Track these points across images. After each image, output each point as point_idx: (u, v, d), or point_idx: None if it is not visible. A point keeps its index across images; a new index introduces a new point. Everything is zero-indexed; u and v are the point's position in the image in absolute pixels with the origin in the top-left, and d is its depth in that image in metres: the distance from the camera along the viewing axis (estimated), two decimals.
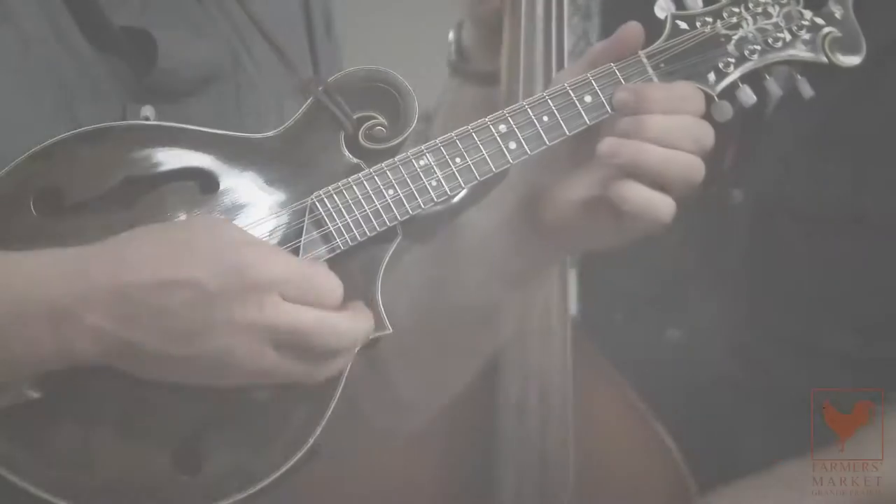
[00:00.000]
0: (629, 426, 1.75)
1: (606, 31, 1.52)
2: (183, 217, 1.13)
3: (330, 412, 1.13)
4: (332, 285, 1.09)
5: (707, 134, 1.14)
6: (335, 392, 1.13)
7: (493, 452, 1.72)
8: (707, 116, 1.15)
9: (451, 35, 1.73)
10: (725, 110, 1.15)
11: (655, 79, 1.15)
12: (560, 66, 1.63)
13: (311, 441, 1.12)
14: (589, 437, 1.73)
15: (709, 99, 1.15)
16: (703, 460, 1.69)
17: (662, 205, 1.14)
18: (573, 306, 1.76)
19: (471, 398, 1.53)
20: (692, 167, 1.13)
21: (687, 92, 1.14)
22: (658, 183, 1.13)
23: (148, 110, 1.18)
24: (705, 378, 1.73)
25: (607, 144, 1.13)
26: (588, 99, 1.14)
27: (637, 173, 1.13)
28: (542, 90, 1.44)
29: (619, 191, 1.13)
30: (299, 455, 1.12)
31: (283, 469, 1.12)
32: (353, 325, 1.10)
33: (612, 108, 1.15)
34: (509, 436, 1.70)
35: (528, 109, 1.15)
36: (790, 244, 1.68)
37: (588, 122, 1.13)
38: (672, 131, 1.12)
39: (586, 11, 1.80)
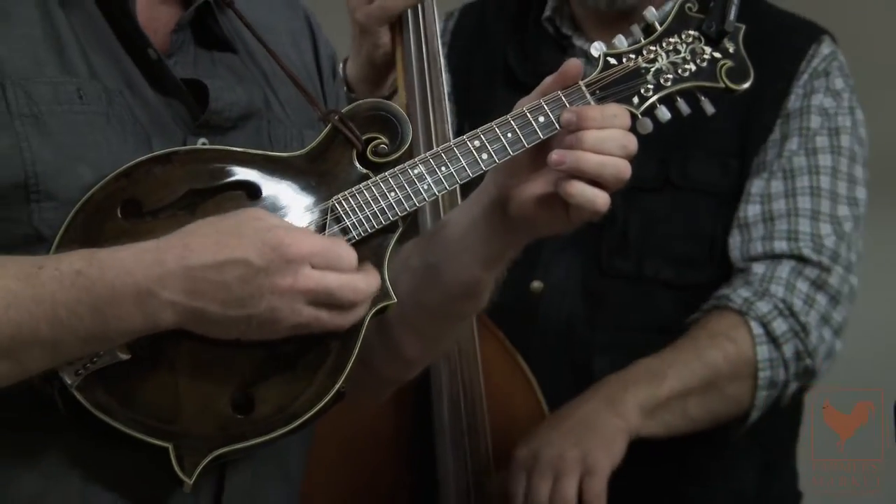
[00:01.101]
0: (505, 366, 1.88)
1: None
2: (228, 215, 1.27)
3: (351, 364, 1.28)
4: (348, 254, 1.24)
5: (632, 143, 1.30)
6: (355, 348, 1.28)
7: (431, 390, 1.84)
8: (633, 130, 1.30)
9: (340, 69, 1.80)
10: (647, 125, 1.33)
11: (592, 102, 1.32)
12: (434, 89, 1.80)
13: (338, 386, 1.27)
14: (485, 376, 1.84)
15: (633, 117, 1.32)
16: (562, 386, 1.85)
17: (600, 198, 1.29)
18: None
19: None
20: (621, 168, 1.29)
21: (616, 111, 1.31)
22: (595, 181, 1.28)
23: (202, 141, 1.34)
24: (561, 317, 1.90)
25: (556, 154, 1.28)
26: (541, 119, 1.31)
27: (579, 175, 1.28)
28: (429, 114, 1.76)
29: (566, 188, 1.28)
30: (329, 397, 1.27)
31: (317, 408, 1.27)
32: (367, 281, 1.26)
33: (560, 126, 1.30)
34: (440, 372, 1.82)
35: (496, 129, 1.31)
36: (621, 207, 1.79)
37: (542, 136, 1.30)
38: (605, 142, 1.28)
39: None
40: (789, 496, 1.99)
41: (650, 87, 1.33)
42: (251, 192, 1.29)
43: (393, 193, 1.29)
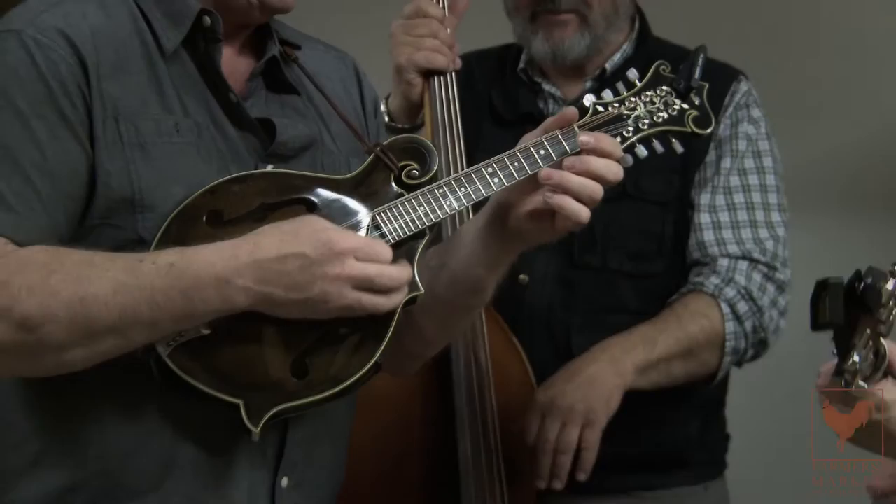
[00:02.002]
0: (506, 350, 2.01)
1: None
2: (289, 220, 1.37)
3: (387, 341, 1.38)
4: (385, 249, 1.35)
5: (617, 172, 1.41)
6: (391, 328, 1.38)
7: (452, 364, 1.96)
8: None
9: (381, 105, 1.88)
10: (627, 160, 1.43)
11: None
12: (453, 126, 1.97)
13: (376, 357, 1.38)
14: (490, 350, 1.98)
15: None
16: (546, 359, 2.01)
17: (582, 211, 1.38)
18: None
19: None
20: (595, 190, 1.40)
21: (614, 145, 1.43)
22: (577, 198, 1.38)
23: (270, 167, 1.45)
24: (543, 303, 2.05)
25: (545, 171, 1.40)
26: (542, 152, 1.41)
27: (564, 191, 1.39)
28: (460, 161, 1.91)
29: (555, 200, 1.38)
30: (369, 366, 1.38)
31: (359, 375, 1.38)
32: (400, 271, 1.36)
33: (570, 151, 1.42)
34: (459, 367, 1.96)
35: (506, 159, 1.40)
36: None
37: (542, 166, 1.40)
38: (599, 172, 1.41)
39: None
40: (721, 438, 2.17)
41: (630, 129, 1.44)
42: (309, 206, 1.39)
43: (422, 208, 1.40)
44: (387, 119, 1.97)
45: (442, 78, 1.95)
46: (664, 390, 1.99)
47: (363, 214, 1.41)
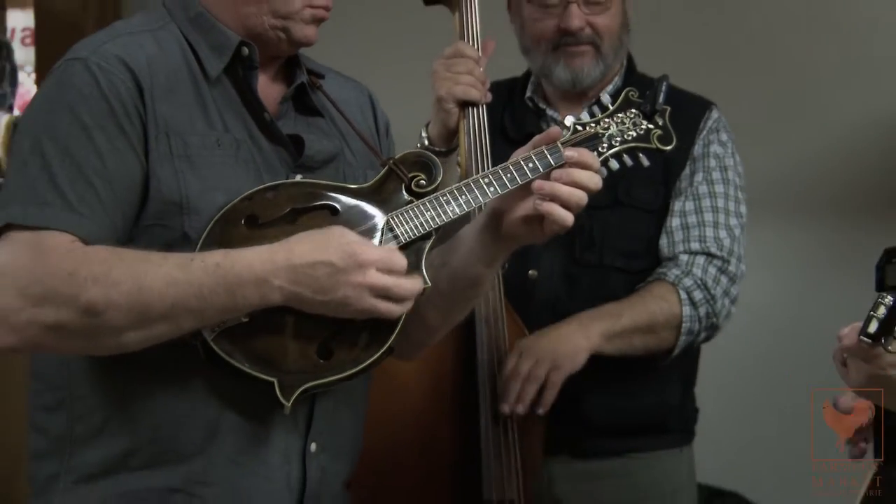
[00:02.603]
0: (513, 324, 2.00)
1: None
2: (320, 230, 1.38)
3: (398, 330, 1.40)
4: (401, 261, 1.36)
5: (597, 182, 1.42)
6: (401, 320, 1.40)
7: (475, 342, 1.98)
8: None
9: (422, 131, 2.01)
10: (602, 172, 1.44)
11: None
12: (483, 149, 1.96)
13: (390, 342, 1.40)
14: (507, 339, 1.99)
15: None
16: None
17: (568, 217, 1.40)
18: None
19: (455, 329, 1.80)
20: (582, 198, 1.41)
21: (593, 159, 1.43)
22: (564, 205, 1.40)
23: (299, 177, 1.47)
24: (549, 295, 2.06)
25: (539, 182, 1.41)
26: (531, 165, 1.42)
27: (554, 199, 1.40)
28: (481, 168, 1.90)
29: (546, 208, 1.39)
30: (383, 350, 1.40)
31: (374, 357, 1.40)
32: (412, 284, 1.37)
33: (554, 164, 1.41)
34: (481, 338, 1.97)
35: (500, 171, 1.42)
36: (587, 219, 1.94)
37: (531, 177, 1.41)
38: (582, 182, 1.41)
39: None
40: (693, 410, 2.18)
41: (605, 146, 1.46)
42: (332, 211, 1.41)
43: (429, 213, 1.42)
44: (426, 143, 2.01)
45: (475, 108, 1.97)
46: (649, 368, 2.03)
47: (378, 218, 1.43)
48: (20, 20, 4.54)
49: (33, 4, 3.45)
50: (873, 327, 1.38)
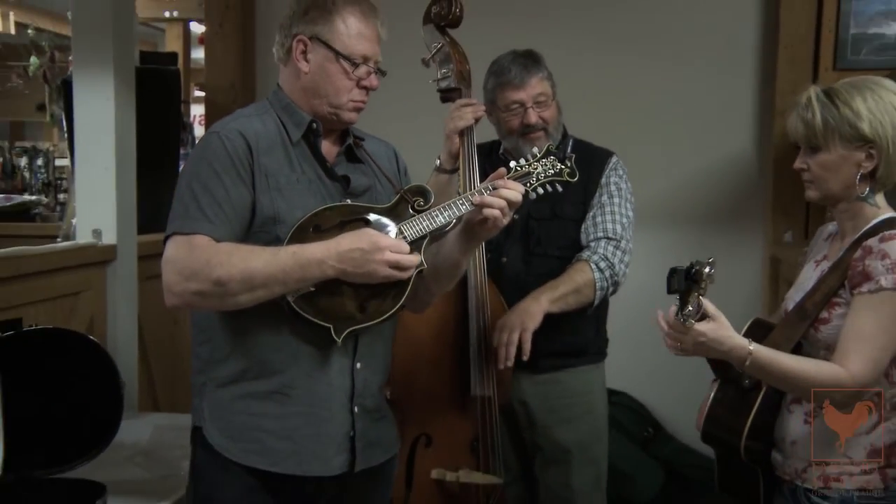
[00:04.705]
0: (497, 299, 1.93)
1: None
2: (355, 231, 1.34)
3: (408, 292, 1.38)
4: (405, 247, 1.35)
5: (519, 199, 1.36)
6: (409, 285, 1.38)
7: (468, 309, 1.90)
8: (525, 196, 1.37)
9: (437, 160, 1.90)
10: (531, 196, 1.40)
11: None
12: (472, 173, 1.85)
13: (402, 300, 1.39)
14: (488, 298, 1.92)
15: (527, 192, 1.38)
16: (513, 301, 1.91)
17: (500, 219, 1.36)
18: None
19: (455, 293, 1.85)
20: (503, 206, 1.33)
21: (517, 186, 1.38)
22: (500, 210, 1.36)
23: (347, 201, 1.41)
24: (515, 274, 2.00)
25: (477, 199, 1.34)
26: (486, 191, 1.35)
27: (491, 207, 1.36)
28: (475, 183, 1.81)
29: (486, 213, 1.35)
30: (398, 305, 1.39)
31: (394, 310, 1.38)
32: (413, 259, 1.35)
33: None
34: (472, 304, 1.90)
35: (468, 195, 1.36)
36: (535, 226, 1.95)
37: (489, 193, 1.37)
38: (508, 196, 1.36)
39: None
40: (604, 339, 2.12)
41: (534, 179, 1.43)
42: (366, 222, 1.40)
43: (425, 223, 1.40)
44: (438, 164, 1.93)
45: (468, 135, 1.87)
46: (577, 316, 1.99)
47: (393, 226, 1.43)
48: (198, 110, 4.83)
49: (204, 101, 3.47)
50: (677, 312, 1.32)
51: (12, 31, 4.76)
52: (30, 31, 4.52)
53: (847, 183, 1.35)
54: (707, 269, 1.26)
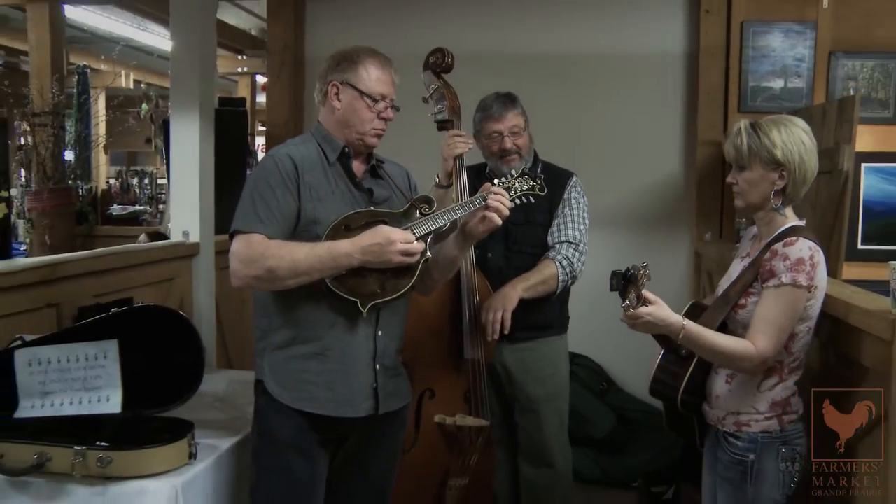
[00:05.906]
0: (484, 285, 1.87)
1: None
2: (375, 229, 1.32)
3: (416, 275, 1.35)
4: (412, 237, 1.32)
5: (507, 207, 1.35)
6: (417, 270, 1.36)
7: (461, 292, 1.85)
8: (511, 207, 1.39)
9: (435, 177, 1.84)
10: (511, 205, 1.36)
11: None
12: (463, 188, 1.79)
13: (412, 282, 1.36)
14: (476, 284, 1.86)
15: (512, 200, 1.38)
16: (497, 287, 1.85)
17: (496, 219, 1.35)
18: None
19: (452, 280, 1.80)
20: (500, 210, 1.34)
21: (504, 194, 1.36)
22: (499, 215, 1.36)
23: (371, 208, 1.38)
24: (498, 266, 1.93)
25: (490, 203, 1.34)
26: (478, 200, 1.36)
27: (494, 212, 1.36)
28: (464, 197, 1.77)
29: (488, 214, 1.34)
30: (409, 285, 1.36)
31: (406, 289, 1.35)
32: (419, 247, 1.32)
33: (486, 201, 1.34)
34: (465, 288, 1.84)
35: (463, 204, 1.37)
36: (513, 230, 1.88)
37: (478, 205, 1.35)
38: (503, 202, 1.36)
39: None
40: (566, 316, 2.04)
41: (512, 192, 1.40)
42: (385, 223, 1.36)
43: (430, 223, 1.38)
44: (437, 181, 1.87)
45: (460, 161, 1.84)
46: (544, 300, 1.92)
47: (405, 227, 1.38)
48: (260, 140, 4.81)
49: (265, 134, 3.46)
50: (624, 302, 1.28)
51: (131, 86, 5.16)
52: (143, 85, 4.90)
53: (764, 196, 1.35)
54: (641, 272, 1.24)
